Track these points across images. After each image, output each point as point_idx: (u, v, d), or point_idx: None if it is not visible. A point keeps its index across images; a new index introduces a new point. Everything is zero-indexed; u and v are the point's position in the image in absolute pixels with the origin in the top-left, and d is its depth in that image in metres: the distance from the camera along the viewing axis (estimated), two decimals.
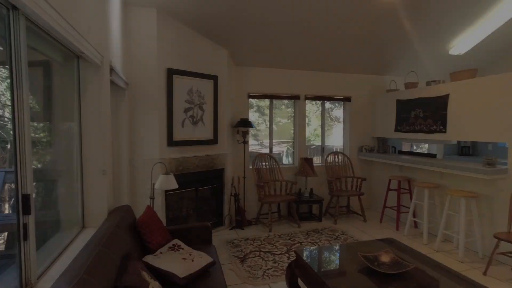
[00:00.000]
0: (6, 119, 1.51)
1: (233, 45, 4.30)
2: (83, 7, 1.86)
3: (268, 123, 5.25)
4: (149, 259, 2.08)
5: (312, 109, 5.83)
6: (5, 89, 1.47)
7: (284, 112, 5.65)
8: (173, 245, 2.32)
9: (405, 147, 6.30)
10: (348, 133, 5.51)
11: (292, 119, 5.40)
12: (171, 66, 3.66)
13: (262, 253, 3.58)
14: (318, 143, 5.66)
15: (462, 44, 4.90)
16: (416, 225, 4.53)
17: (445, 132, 4.05)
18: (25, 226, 1.35)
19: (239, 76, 4.82)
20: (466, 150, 6.40)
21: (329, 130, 5.97)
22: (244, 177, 4.75)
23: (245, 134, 4.65)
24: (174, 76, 3.66)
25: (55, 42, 1.67)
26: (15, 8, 1.25)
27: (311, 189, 4.91)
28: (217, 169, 4.29)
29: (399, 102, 4.85)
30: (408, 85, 4.80)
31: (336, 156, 5.25)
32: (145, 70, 3.43)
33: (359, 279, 2.15)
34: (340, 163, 5.25)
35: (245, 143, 4.71)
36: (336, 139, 5.78)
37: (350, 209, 5.16)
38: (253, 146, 5.96)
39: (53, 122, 1.94)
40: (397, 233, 4.32)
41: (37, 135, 1.77)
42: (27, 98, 1.35)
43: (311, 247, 2.79)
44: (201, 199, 4.20)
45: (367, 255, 2.32)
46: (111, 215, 2.25)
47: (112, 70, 2.39)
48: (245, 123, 4.47)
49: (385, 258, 2.29)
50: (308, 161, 4.82)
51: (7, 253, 1.61)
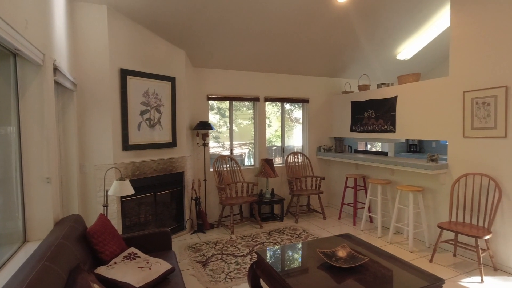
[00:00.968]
0: None
1: (191, 47, 4.23)
2: None
3: (232, 125, 5.23)
4: (102, 270, 1.96)
5: (273, 110, 5.91)
6: None
7: (245, 113, 5.67)
8: (129, 253, 2.20)
9: (361, 146, 6.64)
10: (307, 133, 5.67)
11: (253, 120, 5.43)
12: (125, 66, 3.50)
13: (224, 256, 3.54)
14: (279, 144, 5.75)
15: (408, 50, 5.29)
16: (371, 219, 4.78)
17: (394, 131, 4.33)
18: None
19: (197, 77, 4.75)
20: (414, 147, 6.91)
21: (290, 131, 6.09)
22: (205, 180, 4.67)
23: (205, 136, 4.58)
24: (128, 77, 3.50)
25: None
26: None
27: (273, 190, 4.98)
28: (177, 172, 4.18)
29: (354, 103, 5.10)
30: (361, 87, 5.06)
31: (296, 156, 5.38)
32: (96, 70, 3.24)
33: (318, 275, 2.21)
34: (300, 163, 5.38)
35: (205, 145, 4.64)
36: (296, 139, 5.92)
37: (310, 208, 5.31)
38: (215, 148, 5.90)
39: None
40: (355, 228, 4.52)
41: None
42: None
43: (273, 247, 2.82)
44: (161, 204, 4.06)
45: (325, 251, 2.39)
46: (57, 226, 2.09)
47: (56, 69, 2.22)
48: (205, 125, 4.41)
49: (342, 253, 2.38)
50: (268, 162, 4.87)
51: None
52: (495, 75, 3.10)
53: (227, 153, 5.21)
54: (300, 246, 2.84)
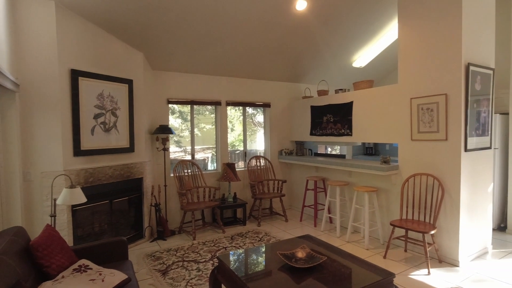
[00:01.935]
0: None
1: (150, 49, 4.11)
2: None
3: (194, 129, 5.13)
4: (48, 286, 1.81)
5: (236, 114, 5.92)
6: None
7: (208, 117, 5.61)
8: (79, 266, 2.07)
9: (321, 150, 6.87)
10: (268, 137, 5.74)
11: (215, 124, 5.39)
12: (76, 67, 3.30)
13: (185, 263, 3.45)
14: (243, 148, 5.76)
15: (363, 58, 5.60)
16: (331, 220, 4.95)
17: (351, 135, 4.54)
18: None
19: (157, 81, 4.62)
20: (370, 150, 7.30)
21: (253, 135, 6.13)
22: (165, 186, 4.54)
23: (165, 141, 4.46)
24: (80, 78, 3.31)
25: None
26: None
27: (235, 194, 4.97)
28: (135, 178, 4.01)
29: (313, 108, 5.27)
30: (320, 93, 5.25)
31: (258, 160, 5.42)
32: (43, 70, 3.02)
33: (279, 277, 2.23)
34: (262, 167, 5.43)
35: (166, 150, 4.52)
36: (260, 143, 5.97)
37: (272, 211, 5.37)
38: (177, 153, 5.76)
39: None
40: (315, 229, 4.65)
41: None
42: None
43: (234, 251, 2.81)
44: (117, 212, 3.86)
45: (285, 253, 2.43)
46: None
47: None
48: (165, 130, 4.30)
49: (301, 253, 2.44)
50: (230, 166, 4.86)
51: None
52: (437, 84, 3.39)
53: (190, 157, 5.11)
54: (261, 249, 2.86)
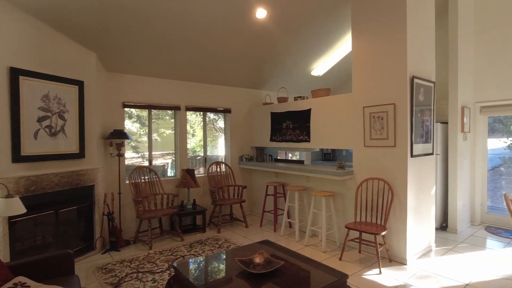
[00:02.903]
0: None
1: (104, 50, 3.91)
2: None
3: (151, 134, 4.95)
4: None
5: (197, 120, 5.82)
6: None
7: (168, 122, 5.45)
8: (15, 284, 1.87)
9: (281, 155, 7.00)
10: (229, 143, 5.72)
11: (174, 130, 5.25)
12: (17, 65, 3.03)
13: (140, 274, 3.29)
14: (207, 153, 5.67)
15: (321, 67, 5.83)
16: (290, 225, 5.03)
17: (309, 141, 4.68)
18: None
19: (112, 83, 4.40)
20: (328, 156, 7.58)
21: (214, 140, 6.07)
22: (119, 193, 4.31)
23: (120, 146, 4.25)
24: (21, 77, 3.04)
25: None
26: None
27: (194, 200, 4.86)
28: (85, 186, 3.76)
29: (273, 114, 5.36)
30: (280, 100, 5.36)
31: (218, 166, 5.37)
32: None
33: (237, 283, 2.21)
34: (222, 173, 5.39)
35: (120, 156, 4.30)
36: (221, 149, 5.92)
37: (233, 217, 5.33)
38: (134, 159, 5.51)
39: None
40: (275, 234, 4.69)
41: None
42: None
43: (191, 260, 2.73)
44: (65, 223, 3.58)
45: (243, 259, 2.42)
46: None
47: None
48: (120, 134, 4.09)
49: (259, 259, 2.44)
50: (190, 172, 4.75)
51: None
52: (386, 94, 3.63)
53: (147, 163, 4.91)
54: (220, 256, 2.82)
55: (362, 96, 3.88)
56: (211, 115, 5.78)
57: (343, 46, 5.27)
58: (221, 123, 5.91)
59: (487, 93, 4.85)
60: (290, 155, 7.36)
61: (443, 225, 4.80)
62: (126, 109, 4.64)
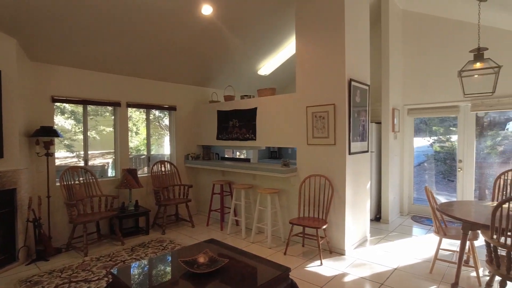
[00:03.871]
0: None
1: (27, 36, 3.49)
2: None
3: (87, 132, 4.56)
4: None
5: (141, 117, 5.53)
6: None
7: (108, 119, 5.08)
8: None
9: (228, 154, 6.98)
10: (174, 141, 5.54)
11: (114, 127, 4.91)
12: None
13: (73, 284, 3.01)
14: (150, 152, 5.40)
15: (267, 67, 5.94)
16: (237, 223, 5.05)
17: (255, 139, 4.74)
18: None
19: (38, 74, 3.95)
20: (274, 154, 7.77)
21: (160, 139, 5.83)
22: (48, 197, 3.90)
23: (49, 145, 3.84)
24: None
25: None
26: None
27: (137, 202, 4.61)
28: (5, 190, 3.32)
29: (220, 112, 5.32)
30: (226, 98, 5.34)
31: (162, 165, 5.17)
32: None
33: (180, 285, 2.14)
34: (167, 172, 5.19)
35: (49, 155, 3.88)
36: (167, 147, 5.70)
37: (179, 217, 5.18)
38: (69, 159, 5.04)
39: None
40: (222, 233, 4.67)
41: None
42: None
43: (131, 264, 2.58)
44: None
45: (186, 260, 2.35)
46: None
47: None
48: (48, 132, 3.70)
49: (204, 258, 2.40)
50: (131, 172, 4.49)
51: None
52: (327, 95, 3.83)
53: (83, 163, 4.52)
54: (163, 258, 2.71)
55: (305, 96, 4.04)
56: (156, 113, 5.54)
57: (289, 47, 5.44)
58: (167, 121, 5.69)
59: (412, 97, 5.41)
60: (237, 154, 7.39)
61: (377, 217, 5.23)
62: (57, 104, 4.21)
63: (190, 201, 4.96)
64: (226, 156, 6.38)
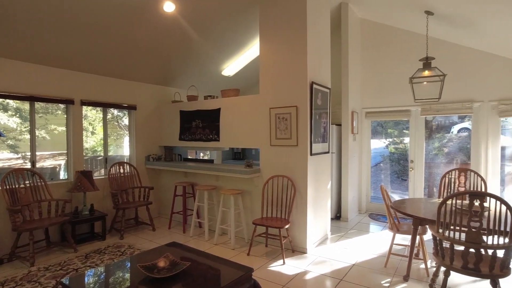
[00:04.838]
0: None
1: None
2: None
3: (36, 132, 4.21)
4: None
5: (98, 116, 5.22)
6: None
7: (61, 118, 4.73)
8: None
9: (191, 155, 6.84)
10: (134, 142, 5.31)
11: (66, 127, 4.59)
12: None
13: None
14: (108, 153, 5.11)
15: (231, 67, 5.92)
16: (200, 225, 4.96)
17: (219, 140, 4.69)
18: None
19: None
20: (238, 155, 7.76)
21: (119, 139, 5.54)
22: None
23: None
24: None
25: None
26: None
27: (92, 206, 4.34)
28: None
29: (183, 113, 5.20)
30: (189, 98, 5.24)
31: (121, 166, 4.93)
32: None
33: None
34: (126, 174, 4.96)
35: None
36: (127, 148, 5.44)
37: (139, 220, 4.97)
38: (13, 160, 4.60)
39: None
40: (184, 235, 4.56)
41: None
42: None
43: (85, 272, 2.42)
44: None
45: (146, 265, 2.26)
46: None
47: None
48: None
49: (164, 263, 2.32)
50: (86, 174, 4.23)
51: None
52: (290, 97, 3.91)
53: (30, 165, 4.16)
54: (120, 264, 2.57)
55: (268, 97, 4.08)
56: (115, 112, 5.27)
57: (253, 48, 5.47)
58: (126, 121, 5.44)
59: (370, 100, 5.71)
60: (201, 155, 7.27)
61: (337, 215, 5.43)
62: None
63: (150, 204, 4.78)
64: (189, 157, 6.24)
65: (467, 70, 4.77)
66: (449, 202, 2.96)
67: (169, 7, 3.71)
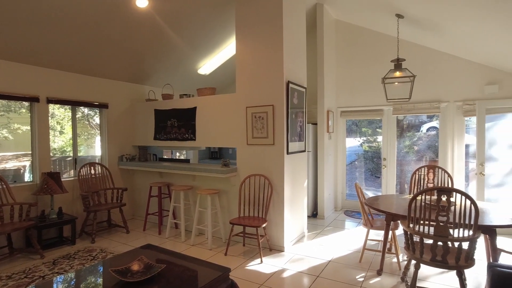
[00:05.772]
0: None
1: None
2: None
3: None
4: None
5: (67, 115, 4.97)
6: None
7: (25, 117, 4.45)
8: None
9: (167, 154, 6.69)
10: (106, 141, 5.11)
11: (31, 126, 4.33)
12: None
13: None
14: (79, 154, 4.87)
15: (207, 66, 5.85)
16: (177, 226, 4.86)
17: (195, 139, 4.62)
18: None
19: None
20: (215, 154, 7.68)
21: (91, 139, 5.30)
22: None
23: None
24: None
25: None
26: None
27: (60, 209, 4.13)
28: None
29: (157, 111, 5.07)
30: (164, 96, 5.11)
31: (92, 167, 4.73)
32: None
33: None
34: (97, 175, 4.77)
35: None
36: (99, 148, 5.22)
37: (111, 223, 4.80)
38: None
39: None
40: (160, 237, 4.45)
41: None
42: None
43: (53, 279, 2.29)
44: None
45: (118, 269, 2.17)
46: None
47: None
48: None
49: (138, 266, 2.24)
50: (53, 176, 4.02)
51: None
52: (266, 96, 3.91)
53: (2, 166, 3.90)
54: (91, 269, 2.46)
55: (245, 96, 4.06)
56: (85, 110, 5.04)
57: (229, 47, 5.43)
58: (98, 120, 5.22)
59: (345, 100, 5.84)
60: (177, 154, 7.13)
61: (314, 213, 5.51)
62: None
63: (124, 206, 4.62)
64: (164, 157, 6.10)
65: (435, 71, 4.99)
66: (419, 198, 3.08)
67: (142, 3, 3.59)
